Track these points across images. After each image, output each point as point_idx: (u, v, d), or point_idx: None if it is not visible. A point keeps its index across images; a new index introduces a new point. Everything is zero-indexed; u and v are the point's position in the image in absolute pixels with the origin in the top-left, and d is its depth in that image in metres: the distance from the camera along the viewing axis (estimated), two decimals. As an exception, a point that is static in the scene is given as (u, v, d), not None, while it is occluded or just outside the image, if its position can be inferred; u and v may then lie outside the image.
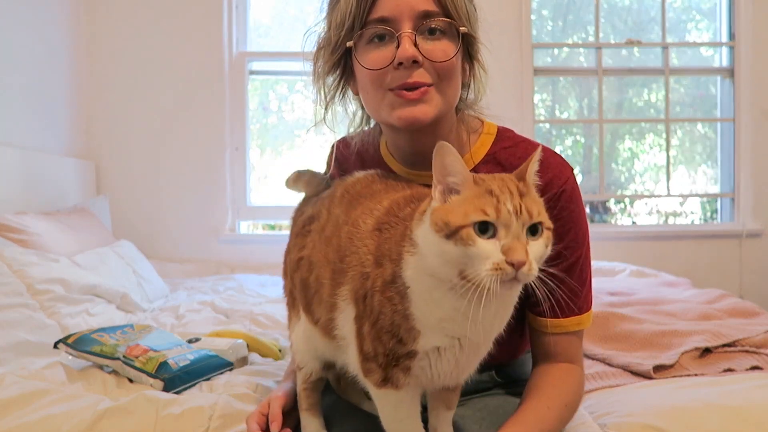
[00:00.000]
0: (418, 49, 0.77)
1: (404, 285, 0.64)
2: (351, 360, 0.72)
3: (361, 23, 0.79)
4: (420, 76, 0.78)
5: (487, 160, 0.89)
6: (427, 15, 0.78)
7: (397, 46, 0.77)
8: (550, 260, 0.85)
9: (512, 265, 0.57)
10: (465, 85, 0.89)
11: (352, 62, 0.85)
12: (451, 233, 0.58)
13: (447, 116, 0.85)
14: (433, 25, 0.78)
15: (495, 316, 0.66)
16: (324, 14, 0.87)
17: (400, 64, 0.77)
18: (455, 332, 0.64)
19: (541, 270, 0.85)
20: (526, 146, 0.89)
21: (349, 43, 0.80)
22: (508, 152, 0.88)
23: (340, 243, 0.73)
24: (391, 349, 0.65)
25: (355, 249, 0.70)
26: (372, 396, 0.71)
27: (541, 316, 0.88)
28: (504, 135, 0.92)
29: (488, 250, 0.57)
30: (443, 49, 0.79)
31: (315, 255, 0.79)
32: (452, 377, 0.69)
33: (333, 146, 1.04)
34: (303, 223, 0.86)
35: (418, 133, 0.84)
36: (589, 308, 0.90)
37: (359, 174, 0.85)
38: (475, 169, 0.89)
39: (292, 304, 0.90)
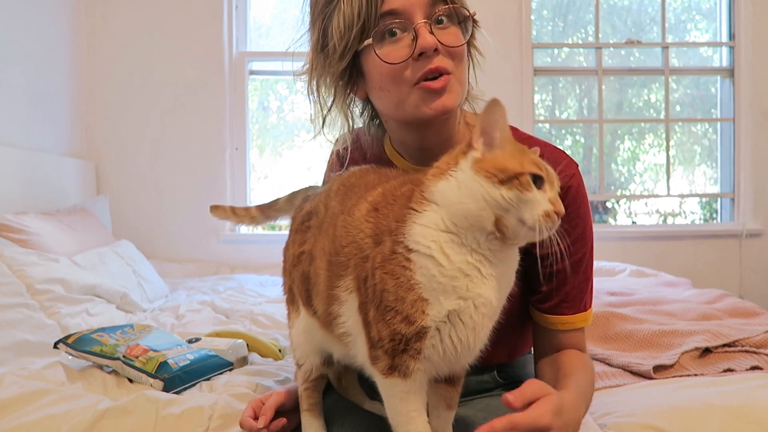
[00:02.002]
0: (435, 37, 0.79)
1: (407, 250, 0.64)
2: (360, 352, 0.72)
3: (375, 20, 0.79)
4: (441, 61, 0.79)
5: None
6: (434, 3, 0.80)
7: (414, 38, 0.78)
8: (557, 257, 0.86)
9: (557, 215, 0.64)
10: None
11: (359, 65, 0.83)
12: (508, 179, 0.63)
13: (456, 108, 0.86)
14: (442, 14, 0.80)
15: (503, 276, 0.67)
16: (310, 26, 0.86)
17: (421, 54, 0.78)
18: (468, 291, 0.64)
19: (547, 266, 0.86)
20: (531, 142, 0.89)
21: (368, 42, 0.79)
22: None
23: (336, 233, 0.73)
24: (397, 332, 0.64)
25: (352, 238, 0.70)
26: (379, 387, 0.71)
27: (547, 313, 0.88)
28: None
29: (540, 198, 0.64)
30: (454, 34, 0.81)
31: (315, 249, 0.79)
32: (464, 352, 0.68)
33: (334, 146, 1.02)
34: (302, 219, 0.86)
35: (428, 128, 0.85)
36: (591, 305, 0.91)
37: (354, 168, 0.85)
38: None
39: (291, 301, 0.90)
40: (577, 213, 0.86)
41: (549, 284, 0.87)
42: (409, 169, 0.92)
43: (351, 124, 0.93)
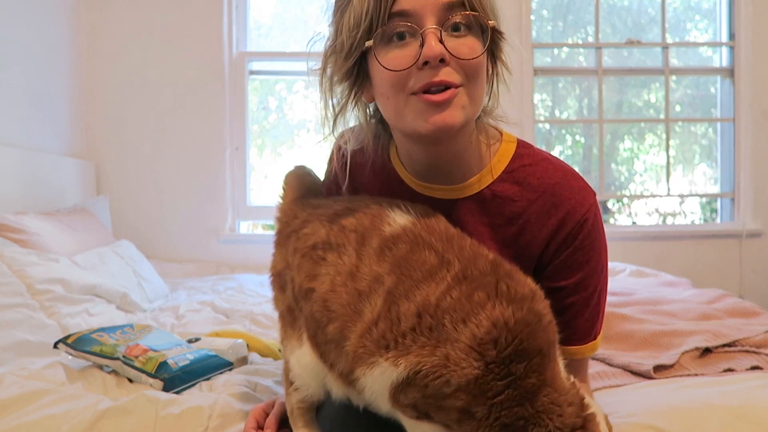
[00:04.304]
0: (444, 46, 0.71)
1: None
2: (383, 401, 0.70)
3: (383, 20, 0.72)
4: (447, 75, 0.71)
5: (504, 177, 0.84)
6: (450, 7, 0.71)
7: (421, 44, 0.71)
8: (570, 291, 0.82)
9: None
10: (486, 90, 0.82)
11: (367, 67, 0.78)
12: None
13: (469, 124, 0.79)
14: (457, 20, 0.72)
15: None
16: (330, 20, 0.81)
17: (426, 63, 0.71)
18: None
19: (558, 299, 0.82)
20: (547, 166, 0.83)
21: (368, 43, 0.73)
22: (526, 171, 0.83)
23: (393, 313, 0.66)
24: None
25: (440, 343, 0.63)
26: (404, 423, 0.70)
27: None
28: (524, 151, 0.85)
29: None
30: (470, 45, 0.73)
31: (336, 302, 0.71)
32: None
33: (335, 148, 0.98)
34: (312, 243, 0.78)
35: (433, 143, 0.78)
36: (600, 331, 0.88)
37: (396, 221, 0.74)
38: (490, 187, 0.84)
39: (291, 323, 0.83)
40: (591, 246, 0.81)
41: (559, 316, 0.82)
42: (418, 188, 0.87)
43: (365, 124, 0.88)
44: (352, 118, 0.86)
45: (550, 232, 0.81)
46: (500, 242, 0.83)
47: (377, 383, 0.67)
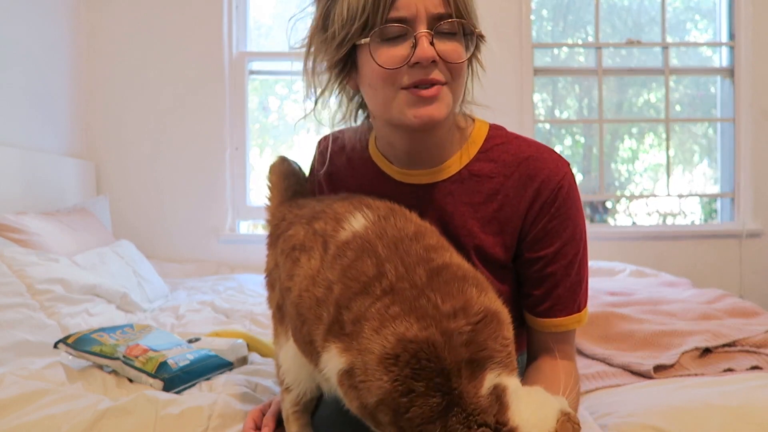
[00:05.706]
0: (434, 48, 0.77)
1: None
2: None
3: (380, 21, 0.77)
4: (436, 74, 0.79)
5: (479, 157, 0.89)
6: (440, 17, 0.78)
7: (413, 46, 0.77)
8: (549, 260, 0.86)
9: None
10: None
11: (355, 57, 0.82)
12: None
13: (450, 116, 0.85)
14: (446, 28, 0.78)
15: None
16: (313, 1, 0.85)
17: (417, 63, 0.77)
18: None
19: (539, 269, 0.86)
20: (519, 143, 0.88)
21: (365, 41, 0.78)
22: (500, 149, 0.88)
23: (341, 319, 0.68)
24: None
25: (361, 352, 0.64)
26: None
27: (539, 316, 0.87)
28: (496, 132, 0.91)
29: None
30: (456, 49, 0.79)
31: (304, 307, 0.74)
32: None
33: (320, 142, 1.02)
34: (292, 245, 0.81)
35: (422, 132, 0.83)
36: (585, 304, 0.90)
37: (351, 225, 0.76)
38: (467, 167, 0.88)
39: (280, 320, 0.86)
40: (567, 215, 0.85)
41: (541, 287, 0.86)
42: (398, 175, 0.90)
43: (345, 111, 0.92)
44: (332, 103, 0.91)
45: (527, 203, 0.85)
46: (482, 219, 0.87)
47: (330, 367, 0.68)
